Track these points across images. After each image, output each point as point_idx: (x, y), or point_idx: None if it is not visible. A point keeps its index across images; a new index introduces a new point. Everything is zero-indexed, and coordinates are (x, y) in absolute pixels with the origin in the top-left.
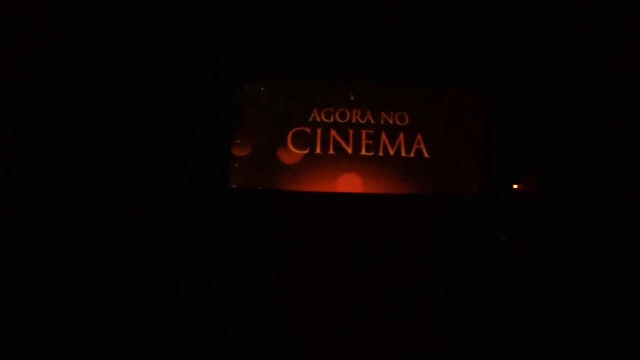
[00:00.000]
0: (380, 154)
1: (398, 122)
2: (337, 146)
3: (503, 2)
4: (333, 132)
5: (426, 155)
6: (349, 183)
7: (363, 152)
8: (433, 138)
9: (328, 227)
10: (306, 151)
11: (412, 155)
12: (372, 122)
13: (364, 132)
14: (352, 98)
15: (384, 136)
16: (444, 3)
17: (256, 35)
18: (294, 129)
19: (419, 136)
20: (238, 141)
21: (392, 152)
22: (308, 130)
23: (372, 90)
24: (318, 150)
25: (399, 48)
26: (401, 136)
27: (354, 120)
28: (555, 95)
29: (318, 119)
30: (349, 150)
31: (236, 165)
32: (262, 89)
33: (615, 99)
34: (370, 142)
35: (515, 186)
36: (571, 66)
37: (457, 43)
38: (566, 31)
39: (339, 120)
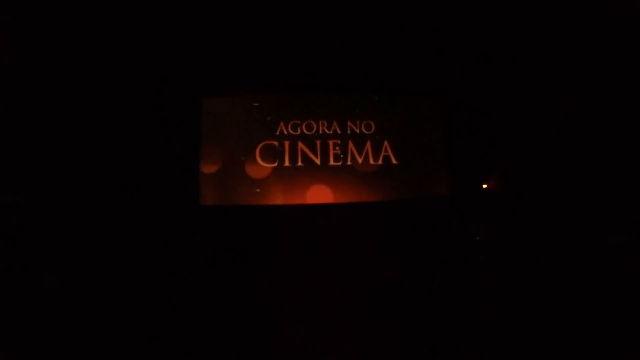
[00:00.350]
0: (349, 162)
1: (364, 131)
2: (306, 158)
3: (463, 13)
4: (301, 144)
5: (394, 161)
6: (320, 194)
7: (331, 163)
8: (400, 144)
9: (301, 239)
10: (275, 164)
11: (380, 162)
12: (339, 132)
13: (331, 142)
14: None
15: (351, 145)
16: (404, 15)
17: (219, 52)
18: (262, 143)
19: (386, 143)
20: (206, 159)
21: (360, 160)
22: (276, 143)
23: (337, 100)
24: (287, 163)
25: (362, 58)
26: (368, 144)
27: (320, 131)
28: (517, 98)
29: (285, 132)
30: (317, 161)
31: (205, 182)
32: (228, 104)
33: (571, 99)
34: (338, 151)
35: (485, 185)
36: (532, 69)
37: (419, 52)
38: (524, 37)
39: (306, 132)
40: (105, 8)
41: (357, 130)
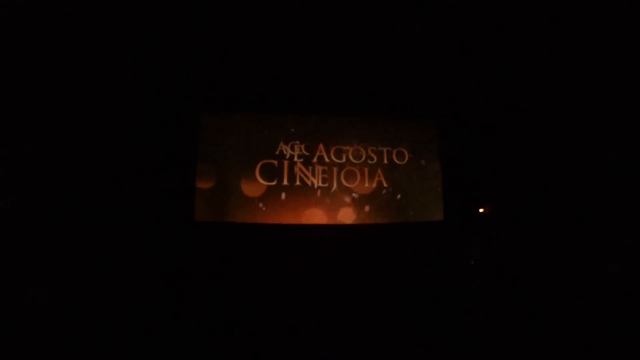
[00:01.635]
0: (345, 185)
1: (361, 154)
2: (303, 178)
3: (456, 41)
4: (299, 165)
5: (388, 185)
6: (315, 215)
7: (328, 184)
8: (395, 169)
9: (294, 259)
10: (273, 183)
11: (374, 185)
12: (336, 154)
13: (328, 164)
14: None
15: (348, 167)
16: (400, 43)
17: (223, 70)
18: (261, 162)
19: (379, 170)
20: (202, 174)
21: (355, 182)
22: (275, 162)
23: (336, 124)
24: (285, 182)
25: (361, 84)
26: (365, 168)
27: (319, 153)
28: (510, 124)
29: (285, 152)
30: (315, 182)
31: (201, 198)
32: (229, 121)
33: (565, 126)
34: (335, 174)
35: (481, 210)
36: (525, 95)
37: (415, 79)
38: (516, 65)
39: (305, 153)
40: (106, 21)
41: (354, 154)
